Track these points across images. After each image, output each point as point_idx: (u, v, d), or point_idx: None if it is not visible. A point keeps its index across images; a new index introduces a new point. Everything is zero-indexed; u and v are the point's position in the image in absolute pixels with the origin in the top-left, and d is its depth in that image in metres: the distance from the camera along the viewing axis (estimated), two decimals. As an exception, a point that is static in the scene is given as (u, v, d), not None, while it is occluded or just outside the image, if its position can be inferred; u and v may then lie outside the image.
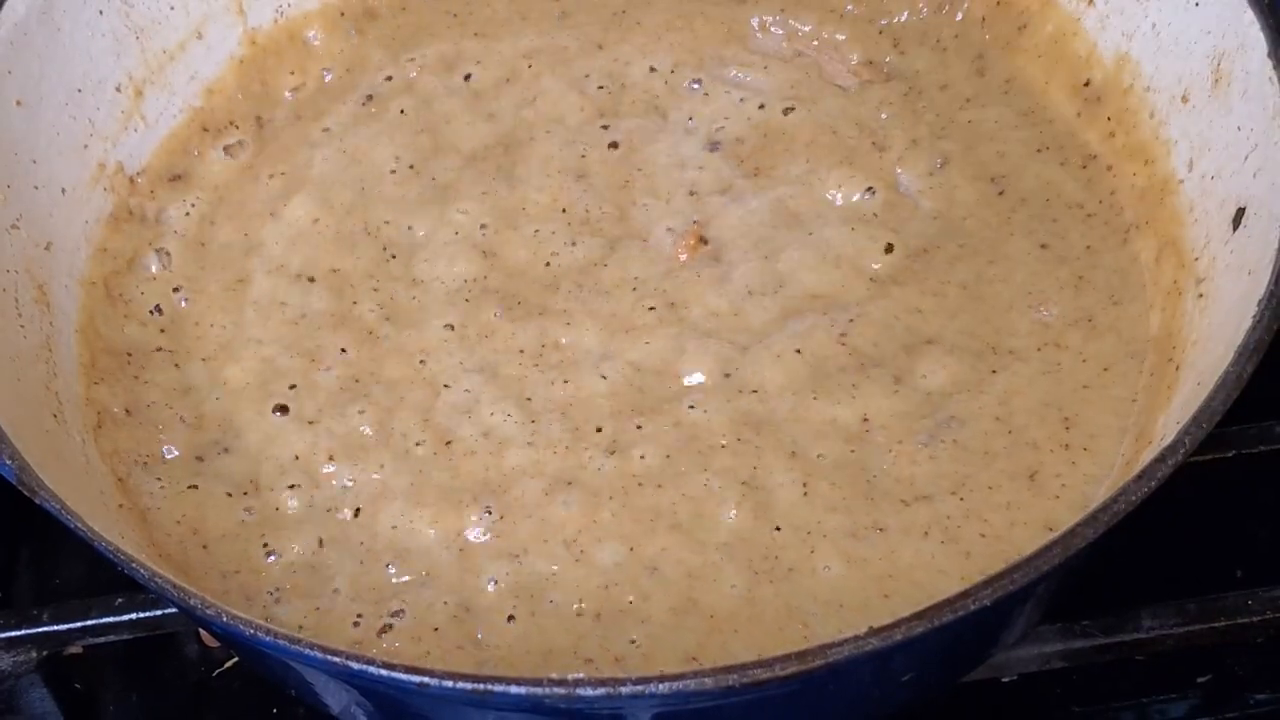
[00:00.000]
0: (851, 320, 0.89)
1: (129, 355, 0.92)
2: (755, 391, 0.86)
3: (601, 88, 1.03)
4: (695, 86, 1.02)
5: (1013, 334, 0.89)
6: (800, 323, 0.89)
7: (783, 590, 0.79)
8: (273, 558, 0.83)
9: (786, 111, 1.00)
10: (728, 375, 0.87)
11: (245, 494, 0.86)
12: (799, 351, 0.87)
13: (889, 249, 0.92)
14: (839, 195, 0.95)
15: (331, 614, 0.81)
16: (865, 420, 0.85)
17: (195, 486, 0.86)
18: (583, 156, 1.00)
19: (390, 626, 0.79)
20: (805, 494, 0.82)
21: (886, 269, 0.92)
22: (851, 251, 0.92)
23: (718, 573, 0.80)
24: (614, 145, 1.00)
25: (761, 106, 1.01)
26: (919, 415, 0.85)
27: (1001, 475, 0.83)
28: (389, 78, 1.06)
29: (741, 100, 1.01)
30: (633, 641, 0.78)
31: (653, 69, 1.04)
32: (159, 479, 0.87)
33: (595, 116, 1.02)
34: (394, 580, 0.82)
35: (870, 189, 0.95)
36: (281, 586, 0.82)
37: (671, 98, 1.02)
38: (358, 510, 0.85)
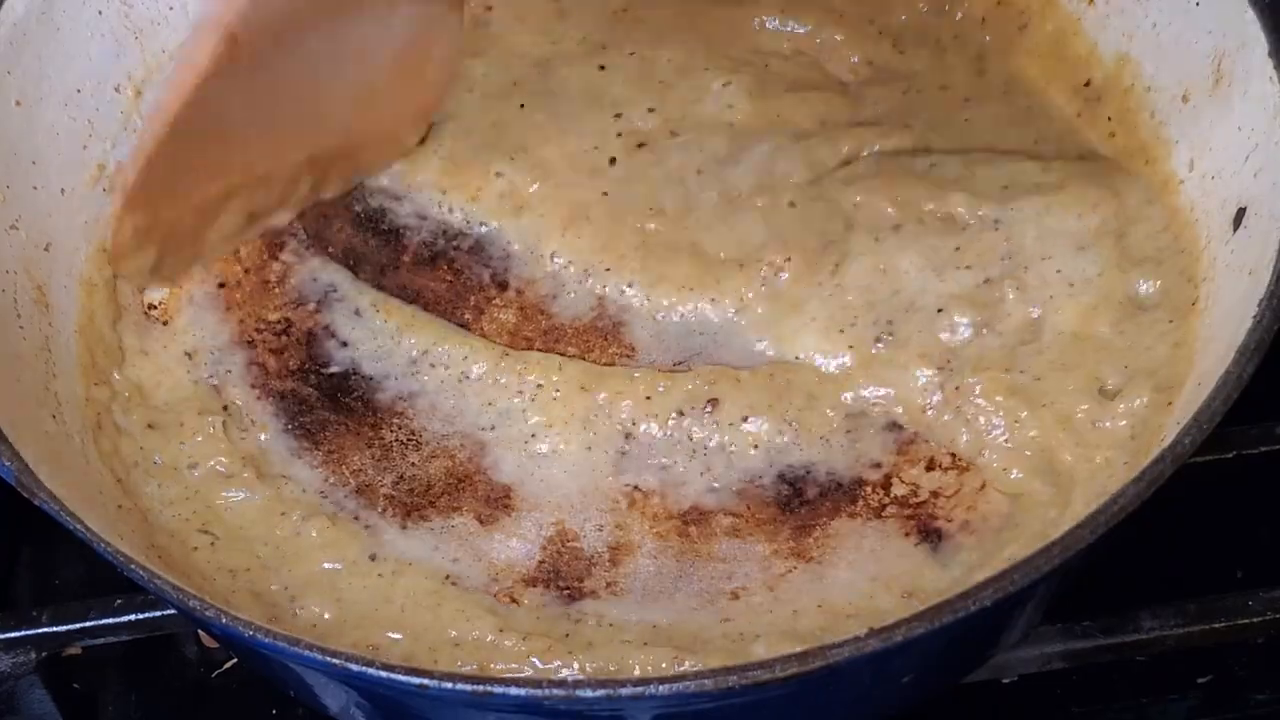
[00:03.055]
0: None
1: (128, 356, 0.93)
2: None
3: (604, 89, 1.03)
4: (697, 83, 1.02)
5: None
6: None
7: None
8: (278, 553, 0.84)
9: (783, 103, 1.00)
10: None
11: (252, 491, 0.86)
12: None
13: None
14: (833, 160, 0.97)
15: (339, 607, 0.81)
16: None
17: (198, 489, 0.86)
18: (593, 150, 1.00)
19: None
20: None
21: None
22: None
23: None
24: (622, 138, 1.00)
25: (761, 101, 1.00)
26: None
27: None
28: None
29: (742, 95, 1.01)
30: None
31: (655, 68, 1.04)
32: (161, 479, 0.87)
33: (598, 113, 1.02)
34: (392, 571, 0.82)
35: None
36: (289, 583, 0.82)
37: (674, 93, 1.02)
38: (359, 504, 0.86)
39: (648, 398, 0.88)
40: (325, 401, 0.91)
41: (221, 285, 0.97)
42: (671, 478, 0.85)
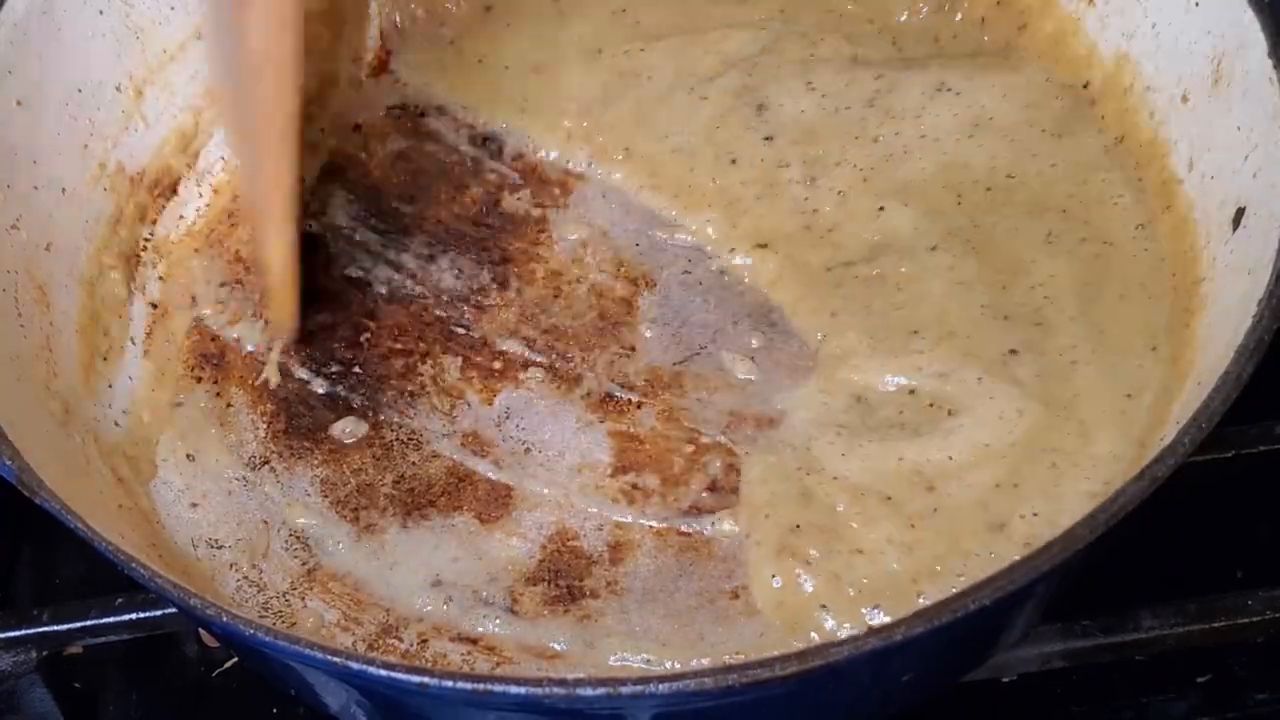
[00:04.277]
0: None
1: (129, 356, 0.93)
2: None
3: (604, 89, 1.03)
4: (695, 83, 1.02)
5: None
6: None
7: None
8: (284, 552, 0.84)
9: (784, 104, 1.00)
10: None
11: (253, 490, 0.87)
12: None
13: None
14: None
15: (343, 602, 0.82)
16: None
17: (199, 488, 0.87)
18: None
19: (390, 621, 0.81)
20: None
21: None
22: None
23: None
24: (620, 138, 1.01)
25: (761, 95, 1.00)
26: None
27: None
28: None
29: (742, 90, 1.01)
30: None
31: (653, 67, 1.04)
32: (162, 478, 0.87)
33: (600, 114, 1.02)
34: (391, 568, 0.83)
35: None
36: (294, 582, 0.83)
37: (673, 91, 1.02)
38: (359, 503, 0.86)
39: (647, 396, 0.88)
40: (325, 401, 0.91)
41: (223, 285, 0.97)
42: (671, 476, 0.85)
